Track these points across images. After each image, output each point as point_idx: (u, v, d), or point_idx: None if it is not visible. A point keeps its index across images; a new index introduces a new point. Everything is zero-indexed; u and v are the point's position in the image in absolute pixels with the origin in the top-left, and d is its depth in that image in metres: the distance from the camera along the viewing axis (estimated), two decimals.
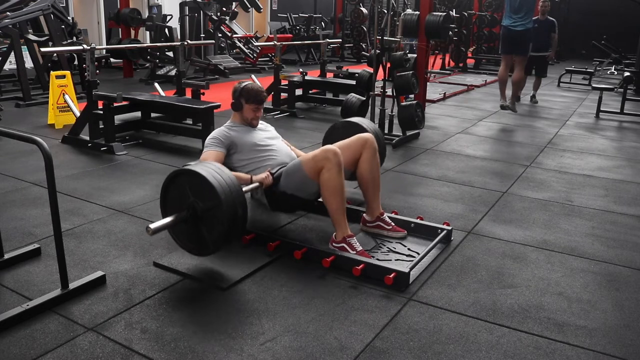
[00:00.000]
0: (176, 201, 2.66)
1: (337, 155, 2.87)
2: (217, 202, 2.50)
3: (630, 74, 8.44)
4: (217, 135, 3.21)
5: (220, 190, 2.50)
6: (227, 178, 2.58)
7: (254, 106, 3.25)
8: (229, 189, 2.54)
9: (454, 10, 11.75)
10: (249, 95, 3.25)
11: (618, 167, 5.16)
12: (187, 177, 2.62)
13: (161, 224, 2.54)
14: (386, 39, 5.91)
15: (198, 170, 2.57)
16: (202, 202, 2.56)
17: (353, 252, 2.83)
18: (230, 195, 2.52)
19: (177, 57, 6.54)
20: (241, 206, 2.58)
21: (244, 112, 3.28)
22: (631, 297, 2.68)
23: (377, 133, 3.75)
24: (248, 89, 3.27)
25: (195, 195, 2.58)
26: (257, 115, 3.29)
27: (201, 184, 2.54)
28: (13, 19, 7.22)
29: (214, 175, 2.55)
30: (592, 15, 17.92)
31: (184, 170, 2.64)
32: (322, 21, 16.43)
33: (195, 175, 2.57)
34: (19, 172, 4.28)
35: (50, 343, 2.14)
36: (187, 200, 2.61)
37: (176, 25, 10.90)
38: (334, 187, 2.85)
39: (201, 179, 2.54)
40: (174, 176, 2.67)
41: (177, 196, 2.66)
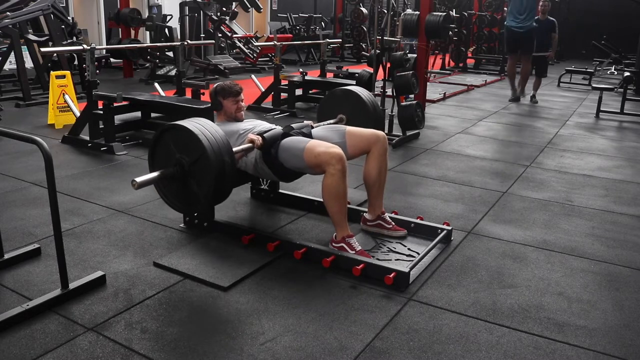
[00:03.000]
0: (163, 161, 2.66)
1: (341, 162, 2.81)
2: (202, 152, 2.48)
3: (630, 74, 8.44)
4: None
5: (204, 139, 2.49)
6: (210, 129, 2.57)
7: (231, 99, 3.25)
8: (213, 138, 2.53)
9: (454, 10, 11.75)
10: (223, 91, 3.26)
11: (618, 167, 5.16)
12: (171, 134, 2.62)
13: (147, 177, 2.52)
14: (386, 39, 5.91)
15: (181, 123, 2.58)
16: (188, 155, 2.56)
17: (352, 252, 2.83)
18: (215, 143, 2.52)
19: (177, 57, 6.55)
20: (228, 154, 2.57)
21: (225, 109, 3.28)
22: (631, 297, 2.68)
23: (375, 105, 3.76)
24: (222, 86, 3.29)
25: (181, 150, 2.58)
26: (239, 107, 3.29)
27: (185, 137, 2.54)
28: (13, 19, 7.22)
29: (198, 127, 2.54)
30: (592, 15, 17.91)
31: (168, 126, 2.65)
32: (322, 21, 16.42)
33: (179, 129, 2.57)
34: (19, 172, 4.28)
35: (50, 343, 2.14)
36: (173, 157, 2.61)
37: (176, 25, 10.90)
38: (336, 193, 2.83)
39: (185, 132, 2.54)
40: (159, 136, 2.67)
41: (164, 156, 2.65)
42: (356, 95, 3.72)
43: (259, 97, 7.25)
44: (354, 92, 3.74)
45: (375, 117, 3.75)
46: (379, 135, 3.18)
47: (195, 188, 2.58)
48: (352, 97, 3.75)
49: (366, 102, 3.71)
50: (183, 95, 6.26)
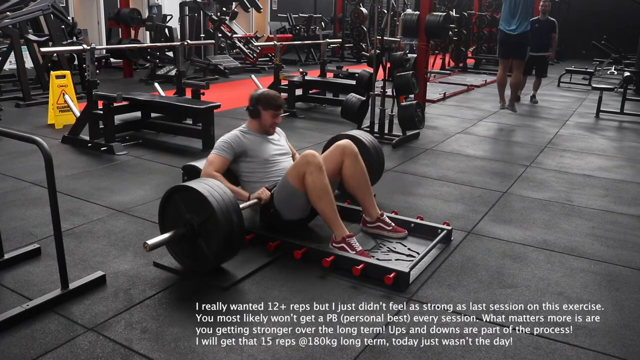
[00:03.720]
0: (174, 220, 2.68)
1: (315, 157, 2.87)
2: (211, 213, 2.52)
3: (630, 74, 8.44)
4: (229, 140, 3.14)
5: (212, 200, 2.52)
6: (218, 189, 2.61)
7: (272, 112, 3.18)
8: (221, 199, 2.56)
9: (454, 10, 11.75)
10: (266, 102, 3.17)
11: (618, 167, 5.16)
12: (181, 194, 2.65)
13: (159, 239, 2.57)
14: (386, 39, 5.91)
15: (190, 185, 2.62)
16: (197, 216, 2.59)
17: (353, 252, 2.83)
18: (224, 204, 2.55)
19: (177, 57, 6.54)
20: (236, 214, 2.59)
21: (262, 119, 3.19)
22: (631, 297, 2.68)
23: (377, 148, 3.78)
24: (265, 95, 3.19)
25: (190, 211, 2.61)
26: (275, 122, 3.23)
27: (194, 198, 2.58)
28: (13, 19, 7.22)
29: (206, 188, 2.58)
30: (592, 15, 17.91)
31: (177, 187, 2.68)
32: (322, 21, 16.41)
33: (188, 190, 2.61)
34: (19, 172, 4.28)
35: (50, 343, 2.14)
36: (183, 217, 2.63)
37: (176, 25, 10.90)
38: (320, 189, 2.86)
39: (194, 193, 2.57)
40: (168, 196, 2.69)
41: (174, 215, 2.68)
42: (358, 140, 3.68)
43: None
44: (356, 138, 3.70)
45: (378, 161, 3.78)
46: (344, 145, 3.18)
47: (205, 247, 2.61)
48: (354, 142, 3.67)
49: (369, 147, 3.71)
50: (183, 95, 6.25)
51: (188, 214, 2.62)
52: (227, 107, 6.93)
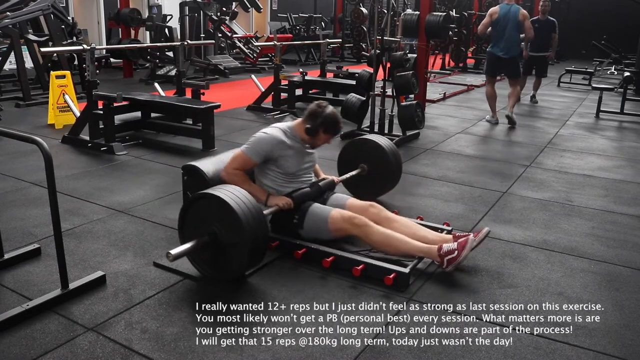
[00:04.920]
0: (195, 228, 2.58)
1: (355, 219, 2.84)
2: (236, 221, 2.43)
3: (630, 74, 8.44)
4: (268, 147, 2.96)
5: (237, 208, 2.43)
6: (242, 196, 2.52)
7: (329, 137, 3.07)
8: (246, 206, 2.47)
9: (454, 10, 11.74)
10: (328, 126, 3.01)
11: (618, 167, 5.16)
12: (204, 202, 2.56)
13: (182, 249, 2.46)
14: (386, 39, 5.91)
15: (214, 192, 2.52)
16: (221, 224, 2.50)
17: (456, 253, 2.70)
18: (249, 212, 2.46)
19: (177, 57, 6.54)
20: (261, 222, 2.52)
21: (317, 139, 3.05)
22: (631, 297, 2.68)
23: (395, 153, 3.71)
24: (330, 119, 3.01)
25: (213, 219, 2.51)
26: (328, 143, 3.14)
27: (218, 206, 2.49)
28: (13, 19, 7.22)
29: (230, 196, 2.48)
30: (592, 15, 17.90)
31: (200, 195, 2.57)
32: (322, 21, 16.41)
33: (211, 198, 2.52)
34: (19, 172, 4.28)
35: (50, 343, 2.15)
36: (207, 225, 2.53)
37: (176, 25, 10.90)
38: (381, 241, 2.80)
39: (218, 201, 2.48)
40: (190, 203, 2.61)
41: (196, 223, 2.58)
42: (376, 145, 3.64)
43: (259, 97, 7.25)
44: (373, 142, 3.67)
45: (396, 165, 3.70)
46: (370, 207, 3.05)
47: (228, 256, 2.53)
48: (372, 147, 3.67)
49: (386, 151, 3.64)
50: (183, 95, 6.26)
51: (211, 222, 2.52)
52: (227, 107, 6.94)
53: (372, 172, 3.64)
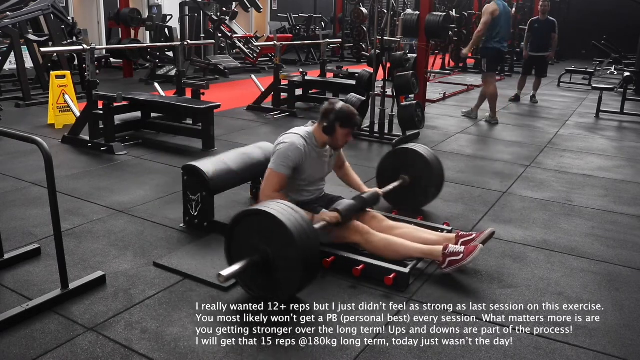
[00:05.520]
0: (242, 247, 2.44)
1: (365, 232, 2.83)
2: (289, 238, 2.30)
3: (630, 74, 8.44)
4: (292, 156, 2.83)
5: (289, 224, 2.30)
6: (294, 212, 2.39)
7: (348, 130, 2.91)
8: (298, 223, 2.34)
9: (454, 10, 11.74)
10: (344, 119, 2.86)
11: (618, 167, 5.16)
12: (253, 219, 2.42)
13: (233, 270, 2.31)
14: (386, 39, 5.91)
15: (263, 209, 2.38)
16: (272, 243, 2.36)
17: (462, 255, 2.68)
18: (302, 229, 2.33)
19: (177, 57, 6.54)
20: (314, 239, 2.41)
21: (336, 136, 2.90)
22: (631, 297, 2.68)
23: (439, 162, 3.61)
24: (345, 112, 2.87)
25: (264, 238, 2.38)
26: (348, 140, 2.98)
27: (268, 223, 2.35)
28: (13, 19, 7.22)
29: (281, 212, 2.35)
30: (592, 15, 17.90)
31: (248, 212, 2.44)
32: (322, 21, 16.41)
33: (261, 214, 2.38)
34: (19, 172, 4.28)
35: (50, 343, 2.15)
36: (256, 243, 2.39)
37: (176, 25, 10.89)
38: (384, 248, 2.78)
39: (268, 218, 2.34)
40: (237, 221, 2.45)
41: (244, 239, 2.44)
42: (418, 155, 3.54)
43: (259, 97, 7.25)
44: (415, 151, 3.57)
45: (439, 175, 3.59)
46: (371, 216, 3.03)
47: (281, 275, 2.39)
48: (413, 157, 3.56)
49: (429, 160, 3.52)
50: (183, 95, 6.25)
51: (261, 240, 2.38)
52: (227, 107, 6.94)
53: (414, 183, 3.53)
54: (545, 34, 8.41)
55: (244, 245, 2.43)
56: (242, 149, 3.65)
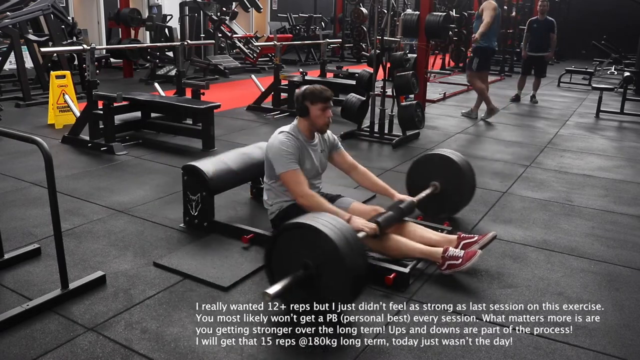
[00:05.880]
0: (284, 260, 2.34)
1: None
2: (334, 252, 2.18)
3: (630, 74, 8.44)
4: (289, 149, 2.84)
5: (335, 237, 2.19)
6: (337, 223, 2.28)
7: (320, 105, 2.89)
8: (343, 235, 2.23)
9: (454, 10, 11.74)
10: (312, 95, 2.89)
11: (618, 167, 5.16)
12: (295, 233, 2.31)
13: (279, 287, 2.19)
14: (386, 39, 5.91)
15: (304, 222, 2.28)
16: (316, 257, 2.25)
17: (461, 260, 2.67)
18: (345, 240, 2.22)
19: (177, 57, 6.54)
20: (362, 251, 2.31)
21: (311, 116, 2.91)
22: (631, 297, 2.68)
23: (470, 168, 3.53)
24: (311, 89, 2.92)
25: (310, 251, 2.26)
26: (327, 116, 2.92)
27: (312, 236, 2.24)
28: (13, 19, 7.22)
29: (324, 224, 2.24)
30: (592, 15, 17.91)
31: (288, 226, 2.34)
32: (322, 21, 16.41)
33: (303, 228, 2.27)
34: (19, 172, 4.28)
35: (50, 343, 2.15)
36: (299, 258, 2.28)
37: (176, 25, 10.90)
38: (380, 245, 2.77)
39: (311, 231, 2.24)
40: (278, 235, 2.36)
41: (286, 254, 2.34)
42: (449, 160, 3.45)
43: (259, 97, 7.25)
44: (445, 157, 3.48)
45: (471, 181, 3.50)
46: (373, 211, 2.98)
47: (327, 290, 2.27)
48: (444, 163, 3.47)
49: (461, 167, 3.44)
50: (183, 95, 6.26)
51: (304, 254, 2.27)
52: (227, 107, 6.94)
53: (445, 189, 3.43)
54: (544, 34, 8.41)
55: (286, 259, 2.34)
56: (242, 149, 3.65)
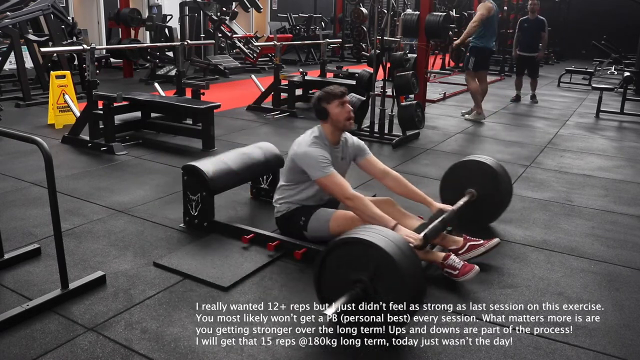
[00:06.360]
0: (335, 277, 2.24)
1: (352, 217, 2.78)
2: (390, 266, 2.10)
3: (630, 74, 8.44)
4: (323, 153, 2.82)
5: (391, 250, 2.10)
6: (400, 243, 2.18)
7: (337, 102, 2.87)
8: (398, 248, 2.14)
9: (454, 10, 11.75)
10: (326, 95, 2.89)
11: (618, 167, 5.16)
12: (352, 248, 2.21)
13: (337, 306, 2.10)
14: (386, 39, 5.91)
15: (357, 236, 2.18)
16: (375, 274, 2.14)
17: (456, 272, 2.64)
18: (402, 253, 2.13)
19: (177, 57, 6.54)
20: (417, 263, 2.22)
21: (332, 116, 2.87)
22: (631, 297, 2.68)
23: (507, 174, 3.44)
24: (323, 91, 2.93)
25: (364, 267, 2.17)
26: (347, 111, 2.89)
27: (372, 253, 2.14)
28: (13, 19, 7.22)
29: (380, 238, 2.15)
30: (592, 15, 17.91)
31: (340, 241, 2.23)
32: (322, 21, 16.41)
33: (363, 244, 2.16)
34: (19, 172, 4.28)
35: (50, 343, 2.15)
36: (352, 274, 2.18)
37: (176, 25, 10.90)
38: None
39: (364, 246, 2.15)
40: (334, 248, 2.24)
41: (337, 270, 2.23)
42: (485, 167, 3.37)
43: (259, 97, 7.25)
44: (482, 163, 3.40)
45: (508, 188, 3.42)
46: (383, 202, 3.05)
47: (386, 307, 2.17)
48: (481, 169, 3.39)
49: (498, 173, 3.34)
50: (183, 95, 6.26)
51: (358, 270, 2.17)
52: (227, 107, 6.94)
53: (481, 197, 3.31)
54: (535, 33, 8.43)
55: (337, 277, 2.23)
56: (242, 149, 3.65)
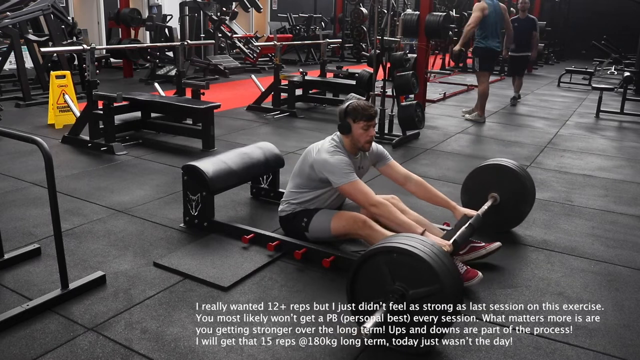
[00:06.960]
0: (370, 288, 2.17)
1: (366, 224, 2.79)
2: (437, 286, 2.02)
3: (630, 74, 8.44)
4: (346, 160, 2.82)
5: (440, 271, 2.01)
6: (436, 250, 2.10)
7: (363, 123, 2.83)
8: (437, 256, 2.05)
9: (454, 10, 11.75)
10: (356, 112, 2.84)
11: (618, 167, 5.16)
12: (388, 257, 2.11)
13: (373, 321, 2.02)
14: (386, 39, 5.91)
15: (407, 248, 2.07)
16: (413, 283, 2.07)
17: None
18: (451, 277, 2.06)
19: (177, 57, 6.55)
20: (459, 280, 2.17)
21: (354, 134, 2.85)
22: (631, 297, 2.68)
23: (530, 179, 3.41)
24: (354, 105, 2.86)
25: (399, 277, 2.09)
26: (370, 135, 2.86)
27: (410, 262, 2.06)
28: (13, 19, 7.22)
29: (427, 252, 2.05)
30: (592, 15, 17.91)
31: (383, 249, 2.13)
32: (322, 21, 16.42)
33: (404, 253, 2.07)
34: (19, 172, 4.28)
35: (50, 343, 2.15)
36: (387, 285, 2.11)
37: (176, 25, 10.90)
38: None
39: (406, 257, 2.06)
40: (367, 258, 2.15)
41: (371, 282, 2.16)
42: (508, 170, 3.32)
43: (259, 97, 7.25)
44: (504, 167, 3.34)
45: (532, 191, 3.39)
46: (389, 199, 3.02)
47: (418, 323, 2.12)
48: (503, 173, 3.33)
49: (520, 176, 3.31)
50: (183, 95, 6.26)
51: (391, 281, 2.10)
52: (227, 107, 6.94)
53: (505, 202, 3.29)
54: (526, 33, 8.41)
55: (371, 288, 2.17)
56: (242, 149, 3.65)
